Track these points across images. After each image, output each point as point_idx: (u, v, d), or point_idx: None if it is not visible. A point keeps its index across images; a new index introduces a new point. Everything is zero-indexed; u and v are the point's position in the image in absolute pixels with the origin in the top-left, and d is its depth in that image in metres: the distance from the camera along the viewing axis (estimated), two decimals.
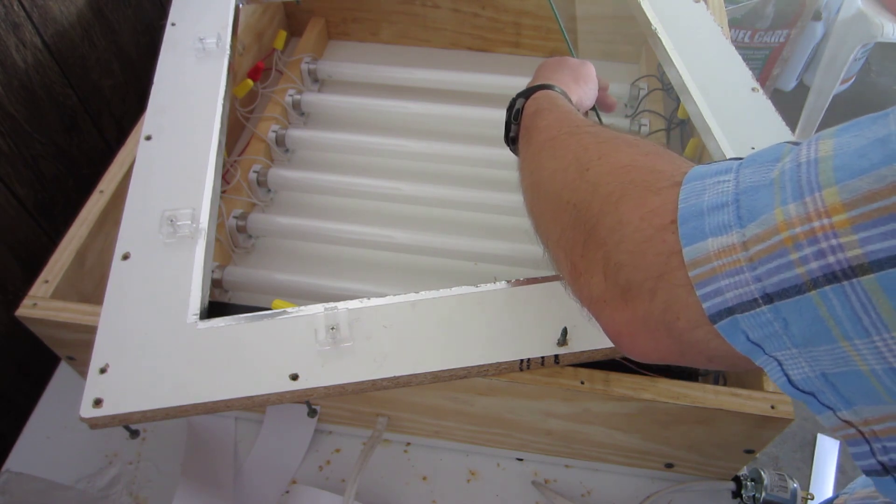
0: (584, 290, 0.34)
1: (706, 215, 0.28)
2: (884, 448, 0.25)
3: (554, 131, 0.43)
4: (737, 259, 0.26)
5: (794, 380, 0.26)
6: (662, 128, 0.82)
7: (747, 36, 1.56)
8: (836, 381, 0.25)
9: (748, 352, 0.27)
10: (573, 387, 0.51)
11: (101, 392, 0.44)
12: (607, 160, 0.36)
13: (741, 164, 0.29)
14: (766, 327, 0.26)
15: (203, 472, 0.61)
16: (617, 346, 0.34)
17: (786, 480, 0.57)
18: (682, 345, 0.30)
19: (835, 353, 0.24)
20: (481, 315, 0.47)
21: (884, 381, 0.23)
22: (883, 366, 0.23)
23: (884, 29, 1.44)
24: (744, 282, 0.26)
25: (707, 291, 0.27)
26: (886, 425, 0.24)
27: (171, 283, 0.50)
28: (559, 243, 0.37)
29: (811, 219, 0.24)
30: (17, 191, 0.76)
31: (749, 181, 0.28)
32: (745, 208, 0.27)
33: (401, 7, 0.97)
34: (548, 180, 0.40)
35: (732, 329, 0.27)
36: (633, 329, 0.31)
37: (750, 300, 0.26)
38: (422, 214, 0.79)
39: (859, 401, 0.25)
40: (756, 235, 0.26)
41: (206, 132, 0.60)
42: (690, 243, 0.28)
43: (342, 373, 0.45)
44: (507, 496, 0.62)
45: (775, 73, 1.65)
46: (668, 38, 0.68)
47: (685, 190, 0.30)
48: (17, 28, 0.73)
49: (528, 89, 0.52)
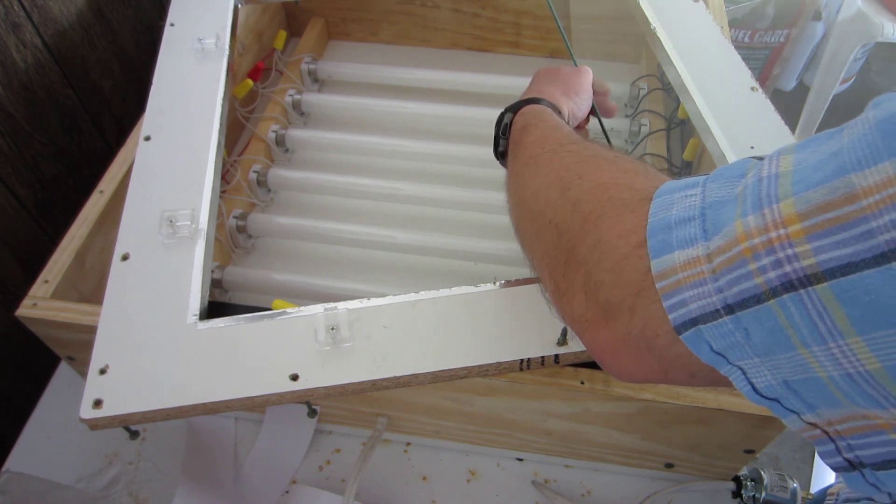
0: (566, 310, 0.35)
1: (674, 229, 0.29)
2: (849, 446, 0.25)
3: (538, 148, 0.43)
4: (701, 271, 0.27)
5: (759, 387, 0.27)
6: (662, 128, 0.82)
7: (747, 36, 1.56)
8: (798, 388, 0.25)
9: (713, 362, 0.27)
10: (573, 387, 0.51)
11: (101, 393, 0.44)
12: (587, 179, 0.36)
13: (707, 178, 0.30)
14: (728, 337, 0.26)
15: (203, 472, 0.61)
16: (602, 367, 0.34)
17: (786, 480, 0.57)
18: (663, 361, 0.30)
19: (795, 360, 0.25)
20: (481, 315, 0.47)
21: (841, 387, 0.24)
22: (839, 372, 0.23)
23: (884, 29, 1.44)
24: (707, 293, 0.26)
25: (672, 303, 0.28)
26: (848, 425, 0.25)
27: (170, 284, 0.50)
28: (543, 262, 0.38)
29: (769, 229, 0.24)
30: (17, 191, 0.76)
31: (715, 196, 0.28)
32: (711, 222, 0.27)
33: (401, 7, 0.97)
34: (531, 199, 0.40)
35: (697, 340, 0.27)
36: (616, 348, 0.32)
37: (712, 311, 0.26)
38: (422, 214, 0.79)
39: (821, 404, 0.25)
40: (718, 247, 0.26)
41: (206, 132, 0.60)
42: (658, 255, 0.29)
43: (342, 373, 0.45)
44: (507, 496, 0.62)
45: (775, 73, 1.65)
46: (667, 37, 0.68)
47: (655, 204, 0.31)
48: (17, 28, 0.73)
49: (516, 103, 0.52)
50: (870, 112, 0.24)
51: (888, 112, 0.23)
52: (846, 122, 0.25)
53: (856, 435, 0.25)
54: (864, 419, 0.24)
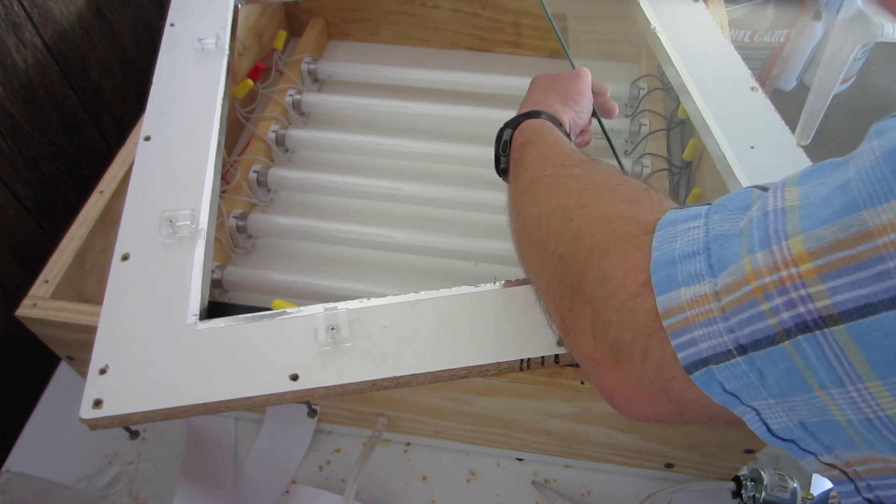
0: (574, 347, 0.34)
1: (678, 263, 0.28)
2: (868, 486, 0.25)
3: (538, 171, 0.43)
4: (710, 309, 0.26)
5: (774, 429, 0.26)
6: (662, 128, 0.82)
7: (747, 36, 1.56)
8: (815, 430, 0.25)
9: (725, 402, 0.27)
10: (573, 387, 0.51)
11: (101, 393, 0.44)
12: (590, 210, 0.36)
13: (710, 209, 0.29)
14: (741, 378, 0.26)
15: (203, 472, 0.61)
16: (613, 407, 0.33)
17: (786, 480, 0.57)
18: (680, 405, 0.29)
19: (811, 402, 0.24)
20: (481, 315, 0.47)
21: (860, 431, 0.23)
22: (858, 416, 0.23)
23: (884, 29, 1.44)
24: (717, 332, 0.26)
25: (682, 341, 0.27)
26: (868, 466, 0.24)
27: (170, 284, 0.50)
28: (548, 294, 0.37)
29: (779, 268, 0.24)
30: (17, 191, 0.76)
31: (719, 229, 0.28)
32: (716, 257, 0.27)
33: (401, 7, 0.97)
34: (534, 227, 0.39)
35: (708, 380, 0.27)
36: (627, 390, 0.31)
37: (724, 351, 0.26)
38: (422, 214, 0.79)
39: (838, 447, 0.25)
40: (727, 286, 0.26)
41: (206, 132, 0.60)
42: (664, 292, 0.28)
43: (342, 373, 0.45)
44: (507, 496, 0.62)
45: (775, 73, 1.65)
46: (667, 37, 0.68)
47: (658, 238, 0.30)
48: (17, 28, 0.73)
49: (515, 118, 0.50)
50: (874, 142, 0.23)
51: (894, 143, 0.22)
52: (851, 153, 0.24)
53: (876, 476, 0.24)
54: (883, 462, 0.24)
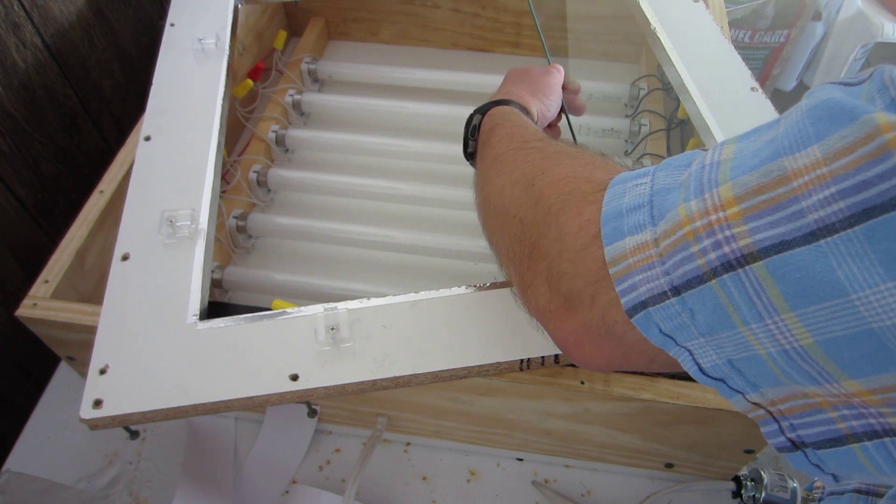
0: (531, 302, 0.36)
1: (625, 216, 0.30)
2: (791, 425, 0.26)
3: (504, 147, 0.44)
4: (649, 255, 0.28)
5: (705, 367, 0.28)
6: (662, 128, 0.82)
7: (747, 36, 1.56)
8: (741, 366, 0.26)
9: (662, 343, 0.28)
10: (573, 387, 0.51)
11: (101, 393, 0.44)
12: (550, 174, 0.37)
13: (657, 167, 0.31)
14: (675, 318, 0.27)
15: (203, 472, 0.61)
16: (566, 355, 0.35)
17: (786, 480, 0.57)
18: (623, 347, 0.31)
19: (736, 338, 0.25)
20: (481, 315, 0.47)
21: (779, 363, 0.24)
22: (777, 348, 0.24)
23: (884, 29, 1.44)
24: (655, 276, 0.27)
25: (624, 287, 0.29)
26: (790, 404, 0.26)
27: (170, 284, 0.50)
28: (508, 256, 0.38)
29: (709, 213, 0.25)
30: (17, 191, 0.76)
31: (662, 183, 0.29)
32: (658, 207, 0.29)
33: (401, 7, 0.97)
34: (497, 196, 0.41)
35: (647, 322, 0.28)
36: (578, 337, 0.32)
37: (660, 293, 0.27)
38: (422, 214, 0.79)
39: (763, 383, 0.26)
40: (664, 232, 0.27)
41: (206, 132, 0.60)
42: (611, 242, 0.30)
43: (342, 373, 0.45)
44: (507, 496, 0.62)
45: (775, 73, 1.65)
46: (667, 37, 0.68)
47: (609, 194, 0.32)
48: (17, 28, 0.73)
49: (484, 105, 0.52)
50: (803, 101, 0.25)
51: (818, 100, 0.24)
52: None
53: (797, 414, 0.25)
54: (804, 398, 0.25)
